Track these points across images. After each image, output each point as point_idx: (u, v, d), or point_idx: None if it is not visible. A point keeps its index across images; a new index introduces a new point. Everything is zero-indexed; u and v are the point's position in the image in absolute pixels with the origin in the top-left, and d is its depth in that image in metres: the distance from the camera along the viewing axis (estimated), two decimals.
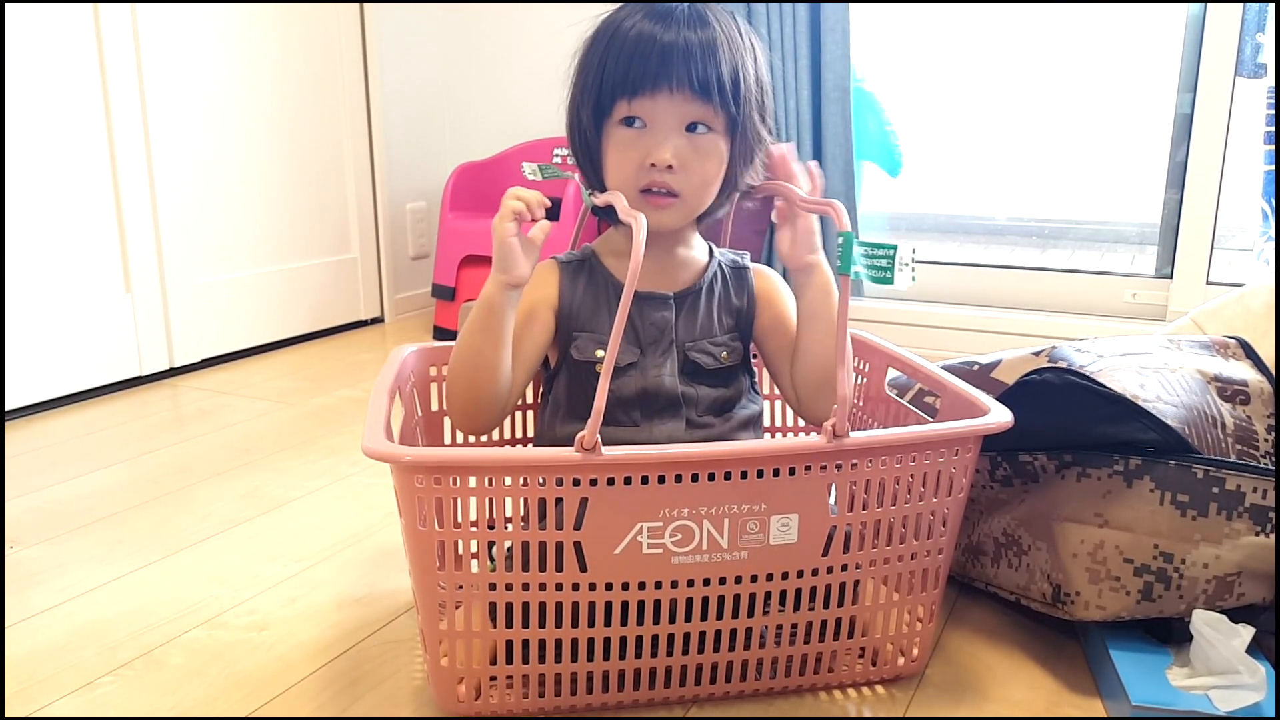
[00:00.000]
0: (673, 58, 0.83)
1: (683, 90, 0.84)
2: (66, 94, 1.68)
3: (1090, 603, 0.87)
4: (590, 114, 0.88)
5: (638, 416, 0.89)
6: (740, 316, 0.94)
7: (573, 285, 0.92)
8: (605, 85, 0.86)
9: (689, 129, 0.86)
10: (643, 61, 0.83)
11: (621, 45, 0.85)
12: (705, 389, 0.90)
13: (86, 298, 1.75)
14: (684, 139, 0.85)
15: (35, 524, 1.22)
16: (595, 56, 0.87)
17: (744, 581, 0.78)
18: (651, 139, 0.85)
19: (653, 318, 0.90)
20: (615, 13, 0.89)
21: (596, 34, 0.89)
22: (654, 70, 0.83)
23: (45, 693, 0.86)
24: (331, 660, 0.91)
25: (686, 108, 0.85)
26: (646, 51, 0.84)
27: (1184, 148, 1.92)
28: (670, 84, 0.83)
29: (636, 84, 0.84)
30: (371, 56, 2.29)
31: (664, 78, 0.83)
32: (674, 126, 0.85)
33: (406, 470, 0.73)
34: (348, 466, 1.41)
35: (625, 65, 0.84)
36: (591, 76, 0.87)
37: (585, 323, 0.91)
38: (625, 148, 0.86)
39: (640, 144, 0.86)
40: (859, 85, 2.20)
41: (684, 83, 0.83)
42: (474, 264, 2.19)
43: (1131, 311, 2.04)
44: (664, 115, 0.85)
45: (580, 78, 0.89)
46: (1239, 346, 1.01)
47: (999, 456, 0.96)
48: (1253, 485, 0.85)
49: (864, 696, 0.86)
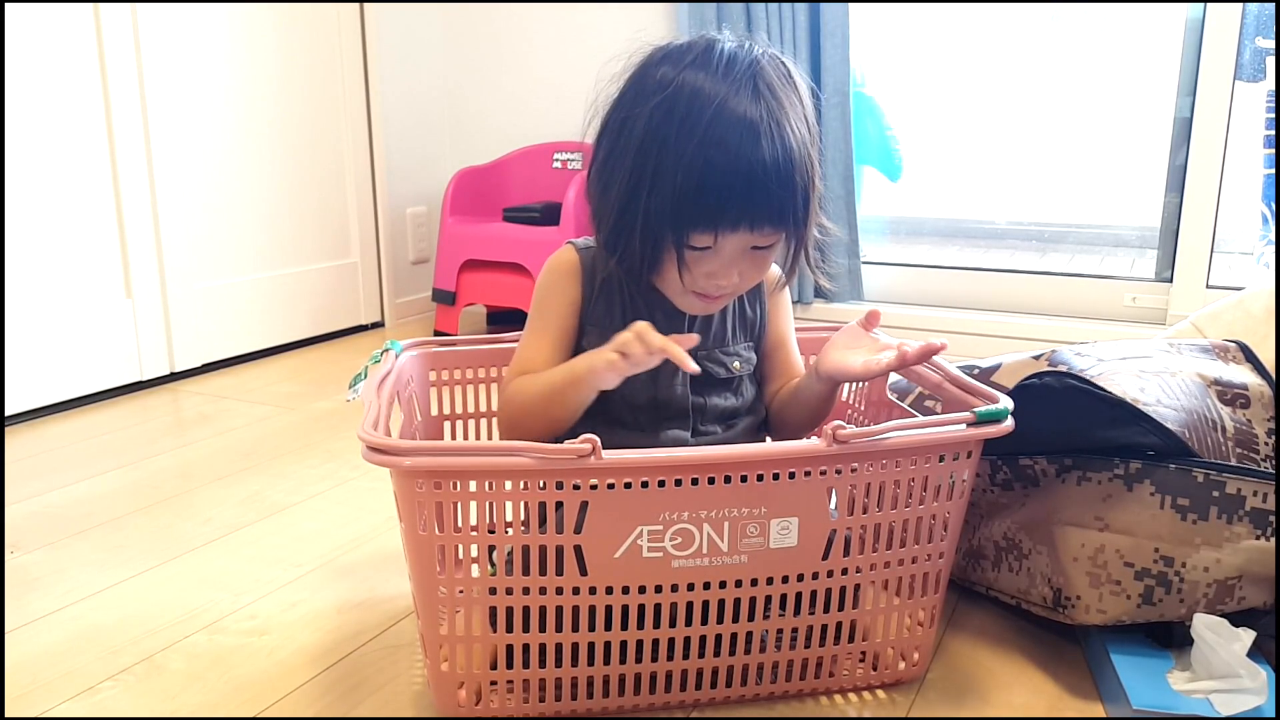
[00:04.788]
0: (755, 191, 0.78)
1: (761, 229, 0.81)
2: (67, 97, 1.69)
3: (1091, 606, 0.87)
4: (660, 226, 0.80)
5: (645, 422, 0.89)
6: (753, 327, 0.95)
7: (591, 279, 0.91)
8: (683, 205, 0.78)
9: (754, 248, 0.83)
10: (725, 197, 0.78)
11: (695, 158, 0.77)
12: (715, 399, 0.90)
13: (87, 302, 1.75)
14: (747, 258, 0.84)
15: (36, 529, 1.22)
16: (665, 151, 0.78)
17: (744, 585, 0.78)
18: (717, 262, 0.82)
19: (665, 328, 0.89)
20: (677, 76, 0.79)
21: (668, 101, 0.79)
22: (736, 210, 0.78)
23: (46, 698, 0.86)
24: (332, 665, 0.91)
25: (758, 237, 0.82)
26: (729, 184, 0.77)
27: (1184, 151, 1.92)
28: (751, 225, 0.80)
29: (716, 221, 0.79)
30: (372, 61, 2.29)
31: (745, 221, 0.79)
32: (742, 251, 0.82)
33: (406, 475, 0.73)
34: (348, 471, 1.41)
35: (701, 193, 0.77)
36: (664, 183, 0.78)
37: (598, 319, 0.90)
38: (692, 266, 0.82)
39: (705, 265, 0.82)
40: (859, 89, 2.21)
41: (763, 223, 0.80)
42: (474, 269, 2.19)
43: (1131, 315, 2.04)
44: (736, 244, 0.82)
45: (643, 162, 0.80)
46: (1239, 350, 1.01)
47: (999, 460, 0.96)
48: (1253, 489, 0.85)
49: (864, 701, 0.86)
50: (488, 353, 1.06)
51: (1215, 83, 1.86)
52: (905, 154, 2.30)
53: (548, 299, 0.91)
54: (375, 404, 0.81)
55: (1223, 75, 1.86)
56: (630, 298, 0.90)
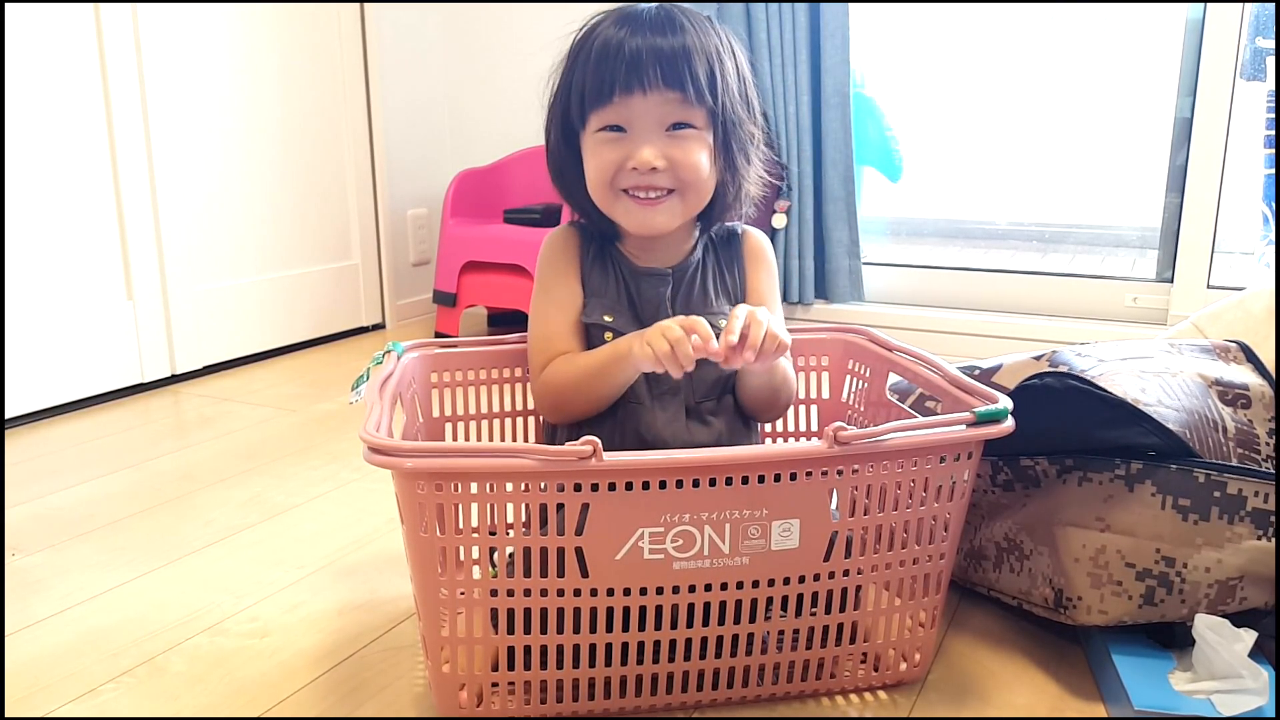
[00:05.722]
0: (642, 58, 0.82)
1: (656, 88, 0.82)
2: (67, 98, 1.69)
3: (1092, 607, 0.87)
4: (560, 131, 0.87)
5: (641, 394, 0.90)
6: (734, 293, 0.95)
7: (587, 251, 0.93)
8: (575, 100, 0.85)
9: (671, 130, 0.85)
10: (611, 66, 0.82)
11: (589, 56, 0.84)
12: (706, 367, 0.89)
13: (88, 304, 1.75)
14: (665, 138, 0.85)
15: (37, 531, 1.22)
16: (566, 74, 0.87)
17: (745, 587, 0.78)
18: (631, 143, 0.85)
19: (649, 294, 0.91)
20: (584, 28, 0.88)
21: (568, 53, 0.88)
22: (624, 73, 0.82)
23: (47, 700, 0.86)
24: (333, 667, 0.91)
25: (665, 108, 0.83)
26: (614, 56, 0.82)
27: (1184, 152, 1.92)
28: (643, 84, 0.82)
29: (608, 90, 0.83)
30: (373, 62, 2.29)
31: (635, 79, 0.82)
32: (653, 128, 0.84)
33: (408, 476, 0.73)
34: (349, 473, 1.41)
35: (595, 74, 0.83)
36: (562, 95, 0.86)
37: (594, 289, 0.92)
38: (603, 152, 0.85)
39: (619, 148, 0.85)
40: (859, 90, 2.21)
41: (656, 81, 0.82)
42: (475, 270, 2.19)
43: (1132, 315, 2.04)
44: (642, 117, 0.84)
45: (553, 98, 0.88)
46: (1240, 350, 1.01)
47: (1000, 461, 0.96)
48: (1254, 489, 0.85)
49: (865, 702, 0.86)
50: (489, 354, 1.06)
51: (1216, 83, 1.86)
52: (906, 154, 2.30)
53: (551, 271, 0.94)
54: (378, 405, 0.81)
55: (1223, 75, 1.86)
56: (619, 276, 0.92)
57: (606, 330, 0.89)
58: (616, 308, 0.91)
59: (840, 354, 1.11)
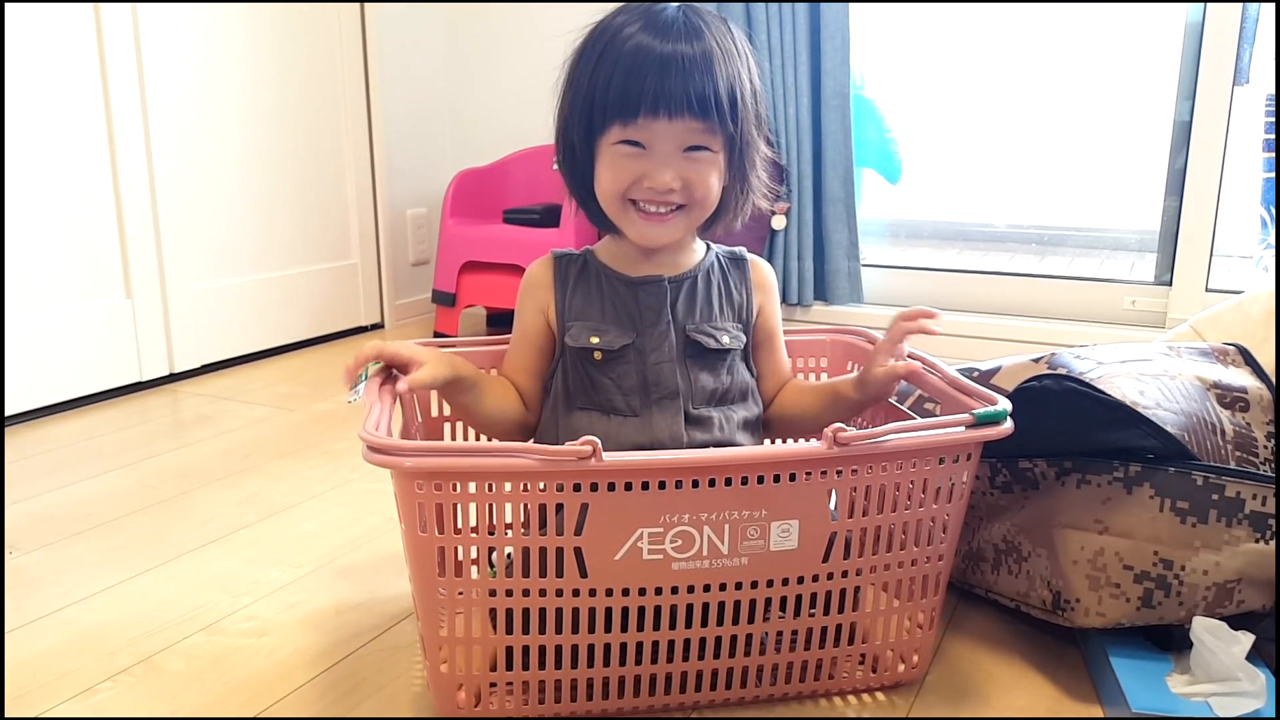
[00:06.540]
0: (669, 77, 0.81)
1: (681, 117, 0.82)
2: (67, 98, 1.69)
3: (1090, 609, 0.87)
4: (582, 134, 0.87)
5: (637, 405, 0.89)
6: (741, 311, 0.95)
7: (565, 278, 0.93)
8: (599, 105, 0.84)
9: (688, 151, 0.85)
10: (639, 82, 0.82)
11: (616, 61, 0.83)
12: (705, 376, 0.90)
13: (87, 303, 1.75)
14: (684, 160, 0.85)
15: (35, 529, 1.22)
16: (588, 71, 0.86)
17: (744, 587, 0.78)
18: (650, 163, 0.84)
19: (648, 300, 0.90)
20: (608, 20, 0.87)
21: (589, 44, 0.87)
22: (651, 93, 0.81)
23: (44, 698, 0.86)
24: (331, 666, 0.91)
25: (686, 133, 0.84)
26: (642, 70, 0.82)
27: (1183, 155, 1.93)
28: (669, 111, 0.82)
29: (634, 108, 0.82)
30: (372, 61, 2.29)
31: (662, 103, 0.82)
32: (673, 150, 0.84)
33: (407, 476, 0.73)
34: (348, 472, 1.41)
35: (621, 86, 0.83)
36: (583, 94, 0.86)
37: (579, 313, 0.92)
38: (621, 164, 0.85)
39: (637, 163, 0.85)
40: (859, 92, 2.21)
41: (682, 109, 0.82)
42: (474, 270, 2.19)
43: (1131, 318, 2.04)
44: (663, 140, 0.84)
45: (572, 92, 0.88)
46: (1238, 353, 1.01)
47: (999, 463, 0.96)
48: (1252, 492, 0.85)
49: (864, 703, 0.86)
50: (488, 354, 1.06)
51: (1215, 86, 1.87)
52: (905, 156, 2.30)
53: (518, 307, 0.96)
54: (377, 405, 0.81)
55: (1222, 79, 1.86)
56: (604, 291, 0.91)
57: (595, 351, 0.89)
58: (604, 325, 0.90)
59: (839, 356, 1.11)
